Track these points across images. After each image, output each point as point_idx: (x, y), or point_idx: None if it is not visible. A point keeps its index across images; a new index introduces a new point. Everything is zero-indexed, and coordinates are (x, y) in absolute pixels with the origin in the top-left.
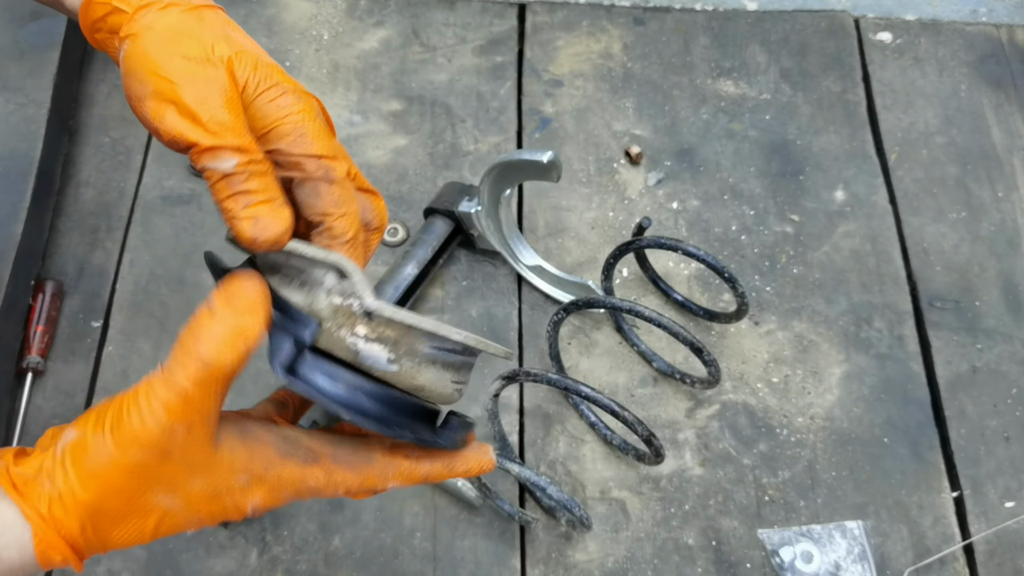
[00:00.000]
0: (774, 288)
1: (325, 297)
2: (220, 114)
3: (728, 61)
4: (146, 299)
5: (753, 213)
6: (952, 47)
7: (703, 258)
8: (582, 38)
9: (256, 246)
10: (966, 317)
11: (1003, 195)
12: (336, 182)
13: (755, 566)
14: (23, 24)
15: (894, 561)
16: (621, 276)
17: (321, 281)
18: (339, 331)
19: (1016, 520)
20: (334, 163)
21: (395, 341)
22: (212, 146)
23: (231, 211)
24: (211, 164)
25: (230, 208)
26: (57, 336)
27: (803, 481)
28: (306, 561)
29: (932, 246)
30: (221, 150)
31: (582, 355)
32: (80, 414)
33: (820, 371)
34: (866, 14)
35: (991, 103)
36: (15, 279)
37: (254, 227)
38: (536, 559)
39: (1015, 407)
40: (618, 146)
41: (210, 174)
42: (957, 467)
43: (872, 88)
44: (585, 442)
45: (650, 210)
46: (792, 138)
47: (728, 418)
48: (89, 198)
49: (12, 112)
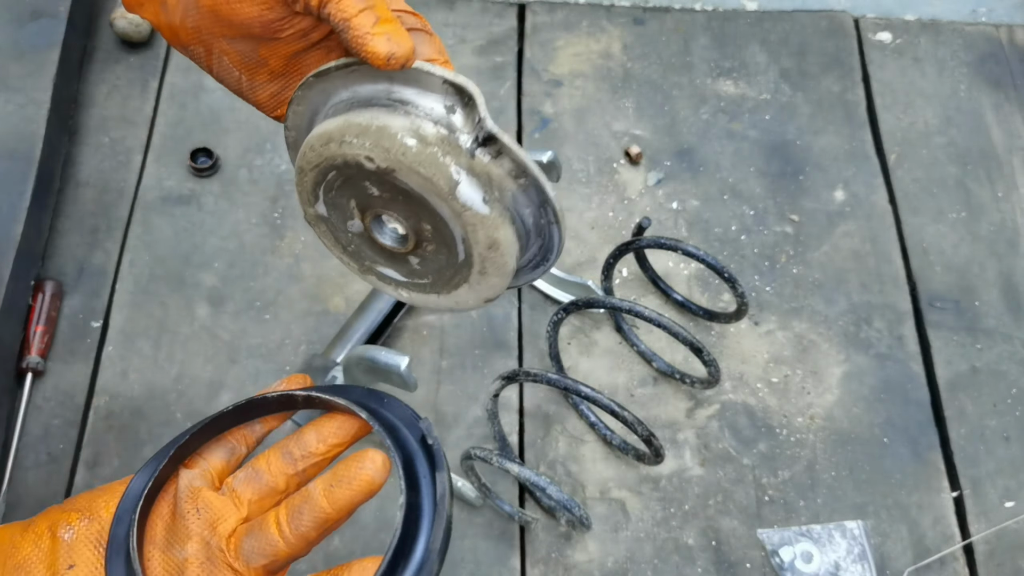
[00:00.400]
0: (774, 288)
1: (433, 127)
2: None
3: (728, 61)
4: (146, 299)
5: (753, 213)
6: (952, 47)
7: (703, 258)
8: (582, 38)
9: (392, 63)
10: (966, 317)
11: (1003, 195)
12: (423, 30)
13: (755, 566)
14: (23, 24)
15: (894, 561)
16: (621, 276)
17: (430, 112)
18: (445, 158)
19: (1016, 520)
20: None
21: (490, 181)
22: None
23: (361, 28)
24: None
25: (361, 24)
26: (57, 336)
27: (803, 481)
28: (305, 561)
29: (932, 246)
30: None
31: (582, 355)
32: (80, 414)
33: (820, 371)
34: (866, 14)
35: (991, 103)
36: (15, 279)
37: (388, 43)
38: (536, 559)
39: (1015, 407)
40: (618, 146)
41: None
42: (957, 467)
43: (872, 88)
44: (585, 442)
45: (650, 210)
46: (792, 138)
47: (728, 418)
48: (89, 198)
49: (12, 112)
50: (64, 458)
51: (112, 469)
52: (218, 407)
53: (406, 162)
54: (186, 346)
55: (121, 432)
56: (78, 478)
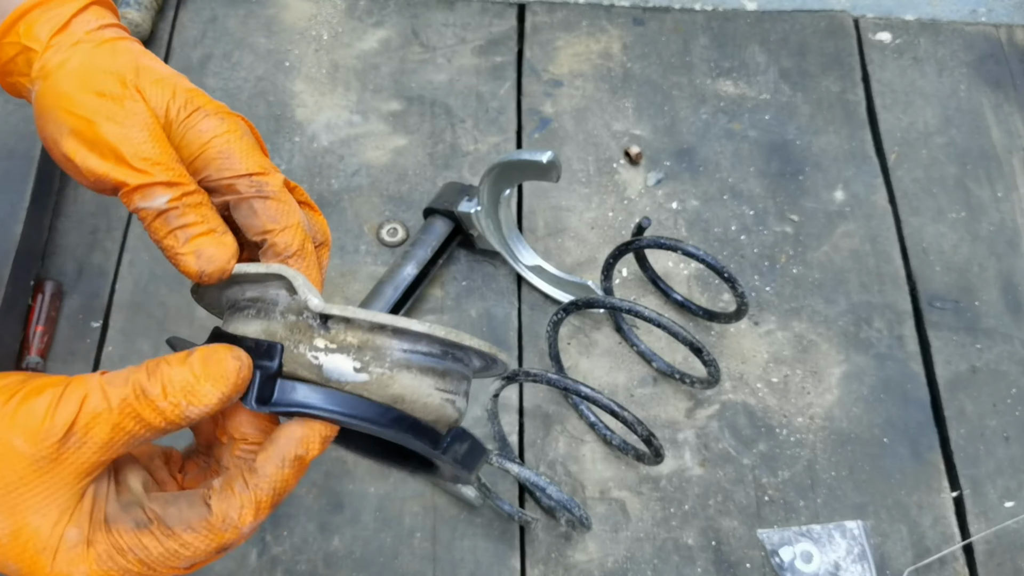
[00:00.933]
0: (774, 288)
1: (280, 318)
2: (145, 148)
3: (727, 61)
4: (145, 299)
5: (752, 213)
6: (951, 47)
7: (702, 258)
8: (581, 38)
9: (205, 279)
10: (966, 317)
11: (1002, 195)
12: (271, 197)
13: (755, 566)
14: None
15: (894, 561)
16: (621, 276)
17: (276, 302)
18: (298, 348)
19: (1016, 520)
20: (266, 178)
21: (358, 347)
22: (141, 184)
23: (172, 248)
24: (143, 204)
25: (171, 246)
26: (56, 336)
27: (803, 481)
28: (306, 561)
29: (931, 246)
30: (152, 187)
31: (582, 355)
32: None
33: (820, 371)
34: (865, 14)
35: (990, 103)
36: (14, 279)
37: (198, 260)
38: (536, 559)
39: (1015, 407)
40: (617, 146)
41: (144, 214)
42: (957, 467)
43: (872, 88)
44: (585, 442)
45: (650, 210)
46: (792, 138)
47: (728, 418)
48: (88, 198)
49: (11, 112)
50: None
51: None
52: None
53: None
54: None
55: None
56: None
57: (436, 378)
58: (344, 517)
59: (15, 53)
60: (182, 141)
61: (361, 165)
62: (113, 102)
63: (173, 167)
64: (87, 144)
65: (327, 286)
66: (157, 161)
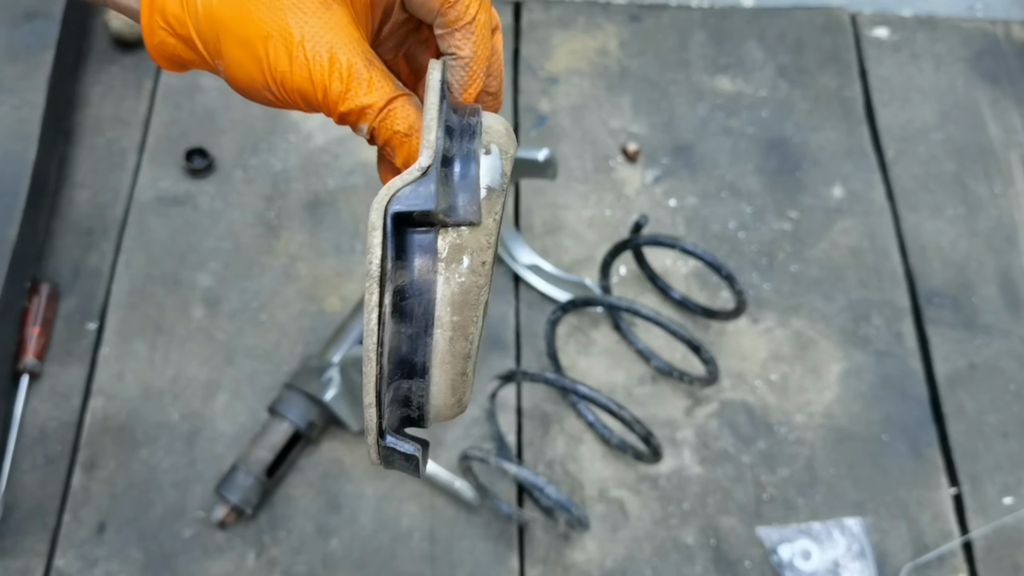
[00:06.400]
0: (772, 285)
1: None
2: (362, 70)
3: (725, 58)
4: (141, 300)
5: (751, 210)
6: (948, 43)
7: (701, 256)
8: (578, 35)
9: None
10: (964, 313)
11: (1000, 191)
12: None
13: (754, 564)
14: (17, 25)
15: (893, 558)
16: (619, 274)
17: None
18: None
19: (1014, 516)
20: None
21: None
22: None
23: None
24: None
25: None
26: (53, 338)
27: (802, 479)
28: (304, 563)
29: (930, 242)
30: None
31: (580, 354)
32: (76, 416)
33: (819, 368)
34: (863, 10)
35: (987, 99)
36: (10, 281)
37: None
38: (534, 559)
39: (1013, 403)
40: (615, 143)
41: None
42: (956, 463)
43: (869, 84)
44: (583, 441)
45: (647, 207)
46: (789, 135)
47: (727, 416)
48: (84, 199)
49: (6, 114)
50: (61, 460)
51: (109, 471)
52: (215, 408)
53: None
54: (182, 347)
55: (118, 433)
56: (75, 480)
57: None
58: (342, 518)
59: (172, 43)
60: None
61: (356, 164)
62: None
63: (389, 81)
64: (301, 67)
65: (324, 285)
66: (378, 80)
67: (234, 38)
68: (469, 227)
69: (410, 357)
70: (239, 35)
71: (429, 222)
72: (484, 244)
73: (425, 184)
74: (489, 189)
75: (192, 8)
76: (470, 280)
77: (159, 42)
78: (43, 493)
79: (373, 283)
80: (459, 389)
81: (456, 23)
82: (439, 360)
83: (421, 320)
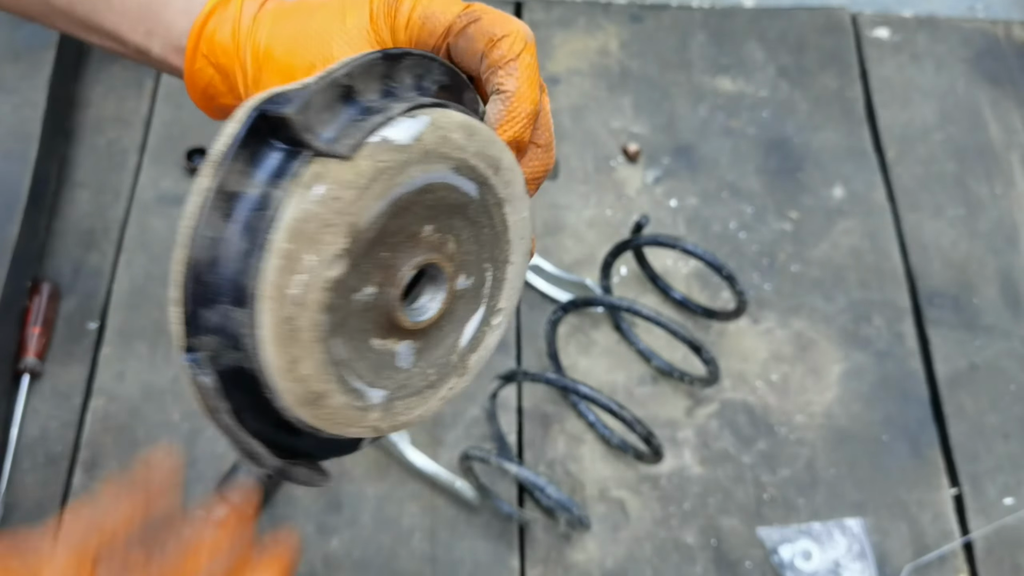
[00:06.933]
0: (773, 286)
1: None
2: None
3: (725, 58)
4: (143, 300)
5: (752, 211)
6: (949, 43)
7: (701, 256)
8: (579, 35)
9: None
10: (965, 314)
11: (1001, 192)
12: (482, 17)
13: (755, 564)
14: (18, 25)
15: (894, 558)
16: (619, 275)
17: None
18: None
19: (1015, 516)
20: (473, 7)
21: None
22: None
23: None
24: None
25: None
26: (54, 338)
27: (802, 479)
28: (304, 563)
29: (931, 243)
30: None
31: (580, 354)
32: (77, 416)
33: (819, 369)
34: (863, 10)
35: (988, 99)
36: (11, 281)
37: None
38: (535, 559)
39: (1014, 404)
40: (616, 144)
41: None
42: (956, 464)
43: (870, 84)
44: (584, 442)
45: (648, 208)
46: (790, 135)
47: (727, 416)
48: (85, 199)
49: (7, 114)
50: (62, 460)
51: (110, 471)
52: None
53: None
54: None
55: (119, 434)
56: (76, 480)
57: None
58: (342, 518)
59: (210, 74)
60: (392, 35)
61: None
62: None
63: None
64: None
65: None
66: None
67: (277, 69)
68: (338, 160)
69: (237, 278)
70: (284, 66)
71: (297, 141)
72: (347, 182)
73: (299, 96)
74: (389, 142)
75: (250, 40)
76: (315, 209)
77: (197, 69)
78: (43, 493)
79: (210, 168)
80: (293, 352)
81: (500, 60)
82: (267, 293)
83: (254, 235)
